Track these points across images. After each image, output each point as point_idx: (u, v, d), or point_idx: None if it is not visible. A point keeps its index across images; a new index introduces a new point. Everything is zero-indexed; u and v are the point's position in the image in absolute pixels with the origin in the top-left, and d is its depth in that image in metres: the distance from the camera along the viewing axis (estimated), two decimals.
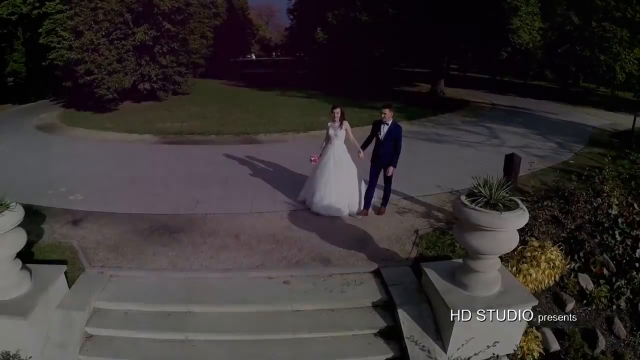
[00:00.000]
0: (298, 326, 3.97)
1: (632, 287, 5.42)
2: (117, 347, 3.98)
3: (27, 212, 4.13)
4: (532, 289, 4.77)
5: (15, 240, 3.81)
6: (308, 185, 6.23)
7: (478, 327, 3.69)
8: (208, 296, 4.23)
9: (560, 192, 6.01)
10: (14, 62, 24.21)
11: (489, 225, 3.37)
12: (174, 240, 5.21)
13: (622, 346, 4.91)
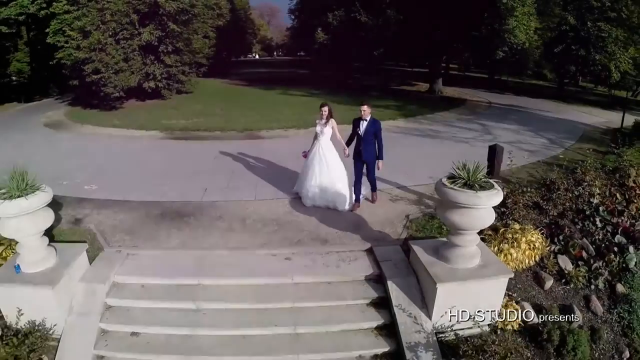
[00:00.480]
0: (298, 296, 4.45)
1: (610, 269, 5.87)
2: (134, 315, 4.46)
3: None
4: (513, 267, 5.22)
5: (44, 218, 4.30)
6: (300, 178, 6.55)
7: (459, 296, 4.15)
8: (217, 271, 4.72)
9: (542, 181, 6.45)
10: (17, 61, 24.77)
11: (466, 202, 3.83)
12: (184, 224, 5.71)
13: (599, 322, 5.36)
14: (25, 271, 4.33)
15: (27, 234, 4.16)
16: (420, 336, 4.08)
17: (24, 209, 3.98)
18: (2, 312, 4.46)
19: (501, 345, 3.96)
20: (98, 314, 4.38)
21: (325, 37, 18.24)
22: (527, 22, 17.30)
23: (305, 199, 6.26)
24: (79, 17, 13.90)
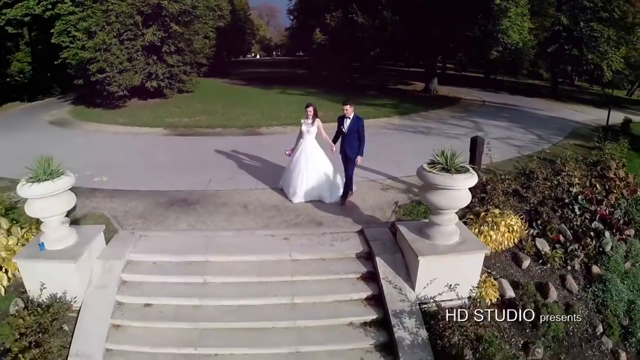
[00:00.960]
0: (295, 271, 4.98)
1: (587, 252, 6.38)
2: (147, 289, 4.98)
3: None
4: (492, 248, 5.75)
5: (68, 200, 4.82)
6: (284, 176, 6.79)
7: (439, 269, 4.66)
8: (222, 249, 5.25)
9: (522, 171, 6.98)
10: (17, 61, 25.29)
11: (443, 184, 4.35)
12: (191, 210, 6.24)
13: (574, 299, 5.86)
14: (48, 248, 4.84)
15: (52, 214, 4.68)
16: (405, 305, 4.60)
17: (50, 191, 4.50)
18: (26, 287, 4.98)
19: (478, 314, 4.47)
20: (115, 287, 4.89)
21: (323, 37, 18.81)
22: (520, 23, 17.86)
23: (292, 196, 6.46)
24: (84, 18, 14.45)
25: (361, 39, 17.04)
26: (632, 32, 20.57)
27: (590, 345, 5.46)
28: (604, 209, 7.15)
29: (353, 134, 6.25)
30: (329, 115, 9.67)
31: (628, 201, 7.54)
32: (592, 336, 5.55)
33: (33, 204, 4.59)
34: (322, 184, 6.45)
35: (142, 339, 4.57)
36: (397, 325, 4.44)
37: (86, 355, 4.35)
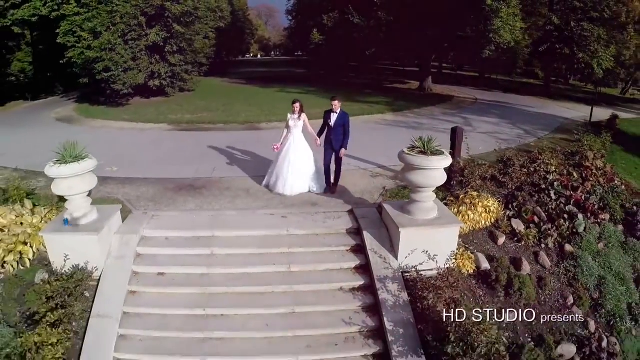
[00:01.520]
0: (292, 244, 5.65)
1: (560, 233, 7.04)
2: (160, 260, 5.64)
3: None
4: (470, 227, 6.42)
5: (90, 180, 5.49)
6: (271, 172, 7.07)
7: (419, 241, 5.32)
8: (227, 225, 5.92)
9: (500, 158, 7.65)
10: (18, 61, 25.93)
11: (420, 165, 5.03)
12: (198, 193, 6.92)
13: (546, 273, 6.51)
14: (72, 223, 5.51)
15: (77, 192, 5.35)
16: (388, 272, 5.27)
17: (76, 172, 5.17)
18: (50, 259, 5.64)
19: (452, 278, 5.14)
20: (131, 259, 5.55)
21: (321, 37, 19.50)
22: (512, 23, 18.54)
23: (283, 188, 6.82)
24: (90, 19, 15.11)
25: (357, 39, 17.76)
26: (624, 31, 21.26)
27: (561, 313, 6.09)
28: (579, 194, 7.81)
29: (339, 128, 6.68)
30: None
31: (604, 188, 8.19)
32: (563, 306, 6.20)
33: (61, 183, 5.25)
34: (311, 175, 6.92)
35: (156, 302, 5.23)
36: (381, 289, 5.11)
37: (106, 316, 5.01)
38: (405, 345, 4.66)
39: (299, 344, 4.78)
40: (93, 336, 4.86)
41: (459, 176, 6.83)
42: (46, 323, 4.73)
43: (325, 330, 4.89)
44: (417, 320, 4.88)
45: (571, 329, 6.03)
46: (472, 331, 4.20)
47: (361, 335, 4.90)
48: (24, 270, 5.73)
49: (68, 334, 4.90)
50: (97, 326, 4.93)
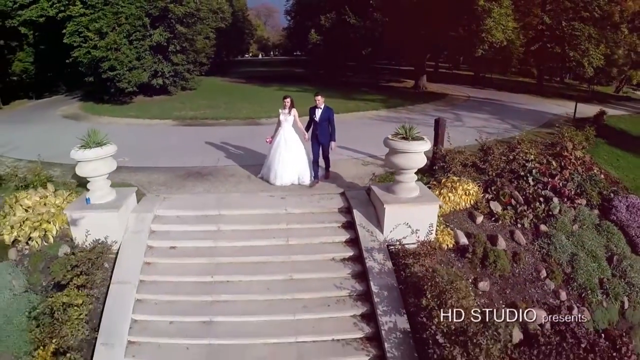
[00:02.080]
0: (290, 221, 6.39)
1: (536, 214, 7.75)
2: (172, 235, 6.38)
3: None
4: (451, 207, 7.15)
5: (111, 164, 6.24)
6: (266, 164, 7.61)
7: (402, 216, 6.04)
8: (231, 205, 6.67)
9: (480, 147, 8.39)
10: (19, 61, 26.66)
11: (402, 148, 5.78)
12: (205, 179, 7.68)
13: (521, 250, 7.21)
14: (94, 202, 6.25)
15: (99, 174, 6.10)
16: (375, 244, 6.00)
17: (99, 155, 5.92)
18: (72, 234, 6.36)
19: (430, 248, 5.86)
20: (146, 234, 6.29)
21: (318, 37, 20.27)
22: (505, 22, 19.30)
23: (274, 179, 7.36)
24: (95, 20, 15.86)
25: (353, 39, 18.53)
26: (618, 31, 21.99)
27: (534, 285, 6.78)
28: (556, 181, 8.54)
29: (324, 122, 7.19)
30: None
31: (582, 176, 8.93)
32: (536, 278, 6.87)
33: (85, 166, 6.00)
34: (301, 166, 7.44)
35: (169, 271, 5.96)
36: (368, 258, 5.84)
37: (125, 282, 5.73)
38: (389, 306, 5.39)
39: (296, 305, 5.50)
40: (113, 300, 5.58)
41: (441, 162, 7.57)
42: (73, 285, 5.46)
43: (319, 293, 5.63)
44: (400, 284, 5.61)
45: (543, 298, 6.72)
46: (445, 289, 4.92)
47: (350, 297, 5.63)
48: (47, 246, 6.45)
49: (90, 298, 5.63)
50: (116, 291, 5.65)
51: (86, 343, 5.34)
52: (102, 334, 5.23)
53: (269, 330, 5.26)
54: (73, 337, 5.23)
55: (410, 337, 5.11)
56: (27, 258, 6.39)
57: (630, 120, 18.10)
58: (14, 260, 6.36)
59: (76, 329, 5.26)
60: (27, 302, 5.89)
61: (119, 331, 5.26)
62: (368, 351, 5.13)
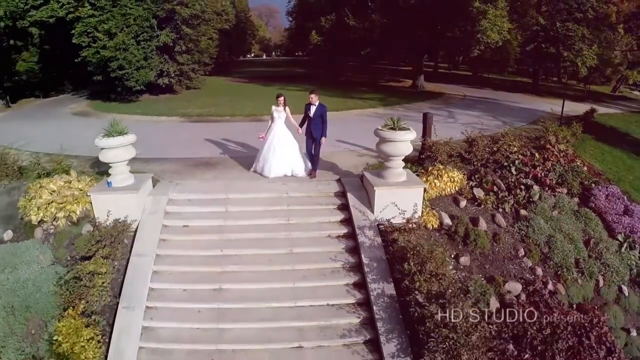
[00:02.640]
0: (290, 203, 7.21)
1: (517, 200, 8.50)
2: (184, 216, 7.18)
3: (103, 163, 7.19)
4: (437, 193, 7.92)
5: (131, 151, 7.08)
6: (258, 159, 8.21)
7: (390, 198, 6.83)
8: (238, 190, 7.49)
9: (466, 139, 9.17)
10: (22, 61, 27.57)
11: (390, 137, 6.58)
12: (213, 168, 8.51)
13: (502, 231, 7.95)
14: (115, 185, 7.06)
15: (120, 160, 6.92)
16: (366, 222, 6.79)
17: (121, 143, 6.75)
18: (95, 214, 7.16)
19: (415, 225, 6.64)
20: (162, 214, 7.09)
21: (319, 38, 21.13)
22: (500, 23, 20.08)
23: (268, 172, 7.93)
24: (104, 21, 16.74)
25: (352, 40, 19.38)
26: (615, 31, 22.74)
27: (512, 262, 7.50)
28: (538, 171, 9.31)
29: (318, 118, 7.83)
30: None
31: (564, 168, 9.66)
32: (514, 256, 7.57)
33: (108, 152, 6.83)
34: (293, 159, 8.03)
35: (183, 246, 6.77)
36: (360, 235, 6.63)
37: (144, 255, 6.52)
38: (377, 275, 6.17)
39: (296, 275, 6.30)
40: (133, 270, 6.38)
41: (428, 152, 8.37)
42: (99, 256, 6.27)
43: (317, 265, 6.42)
44: (388, 256, 6.39)
45: (520, 273, 7.45)
46: (425, 257, 5.71)
47: (344, 269, 6.42)
48: (71, 225, 7.26)
49: (112, 269, 6.44)
50: (136, 263, 6.44)
51: (108, 308, 6.15)
52: (123, 299, 6.02)
53: (271, 296, 6.05)
54: (97, 303, 6.06)
55: (396, 301, 5.88)
56: (52, 236, 7.20)
57: (622, 118, 18.84)
58: (40, 239, 7.17)
59: (100, 294, 6.09)
60: (54, 274, 6.67)
61: (138, 297, 6.05)
62: (359, 314, 5.91)
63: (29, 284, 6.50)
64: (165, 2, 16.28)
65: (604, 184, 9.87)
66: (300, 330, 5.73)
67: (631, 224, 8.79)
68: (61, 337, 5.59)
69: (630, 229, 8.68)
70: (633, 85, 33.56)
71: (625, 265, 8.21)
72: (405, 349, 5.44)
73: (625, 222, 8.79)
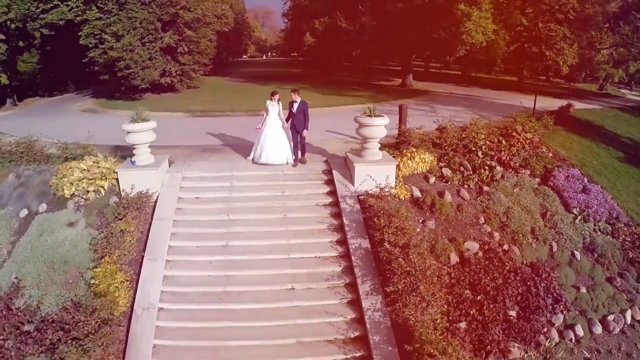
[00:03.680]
0: (285, 179, 8.88)
1: (481, 178, 10.09)
2: (196, 189, 8.82)
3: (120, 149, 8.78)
4: (409, 171, 9.55)
5: (152, 135, 8.71)
6: (256, 148, 9.53)
7: (368, 173, 8.47)
8: (241, 169, 9.18)
9: (437, 127, 10.83)
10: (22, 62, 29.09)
11: (367, 123, 8.25)
12: (219, 152, 10.17)
13: (465, 203, 9.53)
14: (138, 164, 8.67)
15: (143, 142, 8.55)
16: (348, 193, 8.43)
17: (145, 128, 8.37)
18: (121, 187, 8.74)
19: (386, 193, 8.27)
20: (177, 188, 8.71)
21: (313, 40, 22.86)
22: (485, 25, 21.79)
23: (266, 159, 9.31)
24: (111, 24, 18.38)
25: (344, 41, 21.11)
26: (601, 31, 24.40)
27: (473, 227, 9.01)
28: (502, 155, 10.94)
29: (300, 114, 9.17)
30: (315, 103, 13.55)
31: (529, 153, 11.25)
32: (475, 223, 9.09)
33: (134, 136, 8.45)
34: (285, 148, 9.47)
35: (195, 213, 8.38)
36: (342, 202, 8.26)
37: (164, 219, 8.11)
38: (356, 233, 7.79)
39: (289, 234, 7.91)
40: (155, 231, 7.96)
41: (402, 137, 10.02)
42: (129, 217, 7.87)
43: (307, 226, 8.04)
44: (365, 218, 8.01)
45: (479, 237, 8.98)
46: (392, 214, 7.34)
47: (329, 229, 8.04)
48: (99, 198, 8.84)
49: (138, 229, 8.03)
50: (157, 225, 8.03)
51: (135, 262, 7.70)
52: (148, 253, 7.60)
53: (269, 250, 7.67)
54: (127, 256, 7.63)
55: (370, 253, 7.50)
56: (83, 207, 8.76)
57: (599, 113, 20.55)
58: (72, 209, 8.74)
59: (129, 249, 7.67)
60: (88, 234, 8.22)
61: (160, 251, 7.63)
62: (340, 263, 7.52)
63: (66, 243, 8.08)
64: (169, 6, 17.95)
65: (566, 167, 11.44)
66: (292, 276, 7.33)
67: (587, 200, 10.19)
68: (98, 280, 7.16)
69: (585, 204, 10.09)
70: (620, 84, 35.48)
71: (579, 235, 9.55)
72: (377, 289, 7.04)
73: (581, 198, 10.21)
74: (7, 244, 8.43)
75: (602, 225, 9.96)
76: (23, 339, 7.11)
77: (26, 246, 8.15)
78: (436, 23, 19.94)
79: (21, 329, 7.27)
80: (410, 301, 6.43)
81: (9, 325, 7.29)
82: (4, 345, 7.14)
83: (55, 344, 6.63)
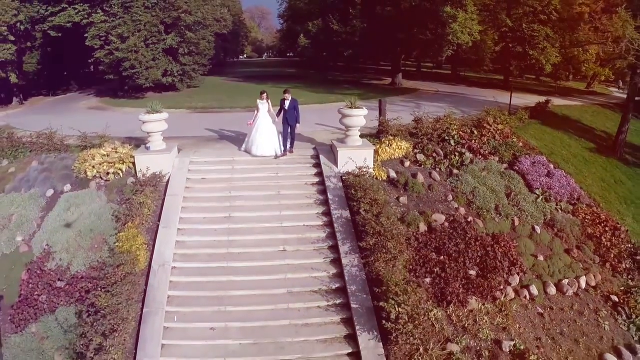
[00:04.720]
0: (279, 162, 10.62)
1: (451, 163, 11.77)
2: (202, 171, 10.53)
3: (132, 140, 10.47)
4: (387, 157, 11.26)
5: (164, 124, 10.42)
6: (248, 141, 11.14)
7: (349, 157, 10.20)
8: (241, 155, 10.92)
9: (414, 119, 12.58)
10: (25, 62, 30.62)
11: (348, 113, 10.05)
12: (221, 142, 11.90)
13: (436, 184, 11.18)
14: (153, 149, 10.38)
15: (158, 130, 10.28)
16: (333, 173, 10.17)
17: (159, 118, 10.10)
18: (137, 169, 10.40)
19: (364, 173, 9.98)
20: (186, 170, 10.41)
21: (307, 42, 24.69)
22: (471, 26, 23.51)
23: (256, 151, 10.83)
24: (117, 26, 20.08)
25: (336, 42, 22.93)
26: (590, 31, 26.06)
27: (442, 203, 10.58)
28: (473, 143, 12.65)
29: (292, 110, 10.82)
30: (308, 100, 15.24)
31: (499, 142, 12.94)
32: (444, 200, 10.67)
33: (149, 125, 10.17)
34: (274, 141, 10.97)
35: (202, 190, 10.09)
36: (328, 181, 9.99)
37: (175, 195, 9.78)
38: (339, 205, 9.48)
39: (282, 207, 9.62)
40: (169, 204, 9.63)
41: (381, 128, 11.77)
42: (147, 191, 9.55)
43: (297, 201, 9.75)
44: (346, 193, 9.71)
45: (447, 211, 10.55)
46: (367, 187, 9.06)
47: (316, 203, 9.75)
48: (118, 179, 10.51)
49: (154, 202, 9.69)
50: (170, 200, 9.71)
51: (151, 231, 9.34)
52: (162, 222, 9.25)
53: (265, 219, 9.37)
54: (144, 225, 9.28)
55: (350, 221, 9.18)
56: (104, 187, 10.41)
57: (579, 109, 22.29)
58: (94, 189, 10.38)
59: (147, 219, 9.33)
60: (110, 208, 9.85)
61: (173, 221, 9.29)
62: (325, 230, 9.22)
63: (92, 215, 9.73)
64: (172, 10, 19.73)
65: (534, 155, 13.10)
66: (284, 240, 9.02)
67: (549, 183, 11.73)
68: (122, 243, 8.77)
69: (548, 187, 11.62)
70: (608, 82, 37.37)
71: (540, 212, 10.91)
72: (355, 249, 8.70)
73: (544, 181, 11.72)
74: (37, 218, 10.03)
75: (564, 205, 11.38)
76: (56, 293, 8.73)
77: (55, 219, 9.74)
78: (423, 25, 21.71)
79: (53, 286, 8.88)
80: (380, 257, 8.10)
81: (43, 283, 8.92)
82: (39, 299, 8.76)
83: (84, 296, 8.25)
